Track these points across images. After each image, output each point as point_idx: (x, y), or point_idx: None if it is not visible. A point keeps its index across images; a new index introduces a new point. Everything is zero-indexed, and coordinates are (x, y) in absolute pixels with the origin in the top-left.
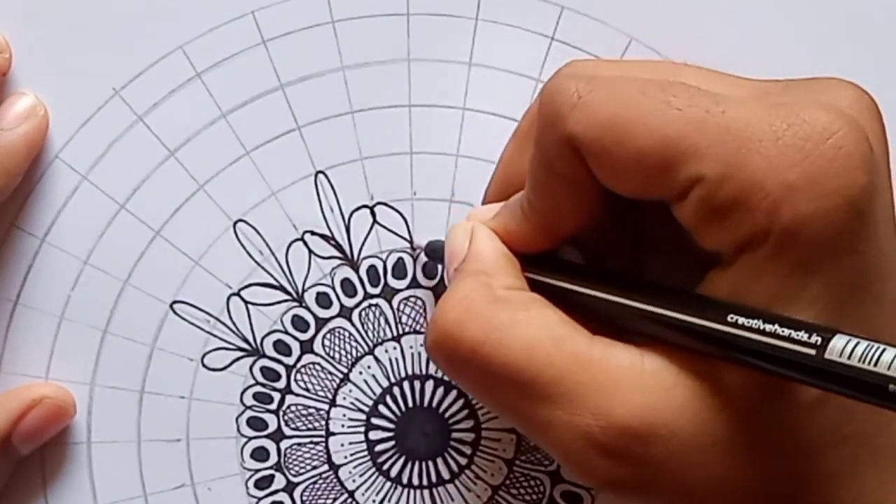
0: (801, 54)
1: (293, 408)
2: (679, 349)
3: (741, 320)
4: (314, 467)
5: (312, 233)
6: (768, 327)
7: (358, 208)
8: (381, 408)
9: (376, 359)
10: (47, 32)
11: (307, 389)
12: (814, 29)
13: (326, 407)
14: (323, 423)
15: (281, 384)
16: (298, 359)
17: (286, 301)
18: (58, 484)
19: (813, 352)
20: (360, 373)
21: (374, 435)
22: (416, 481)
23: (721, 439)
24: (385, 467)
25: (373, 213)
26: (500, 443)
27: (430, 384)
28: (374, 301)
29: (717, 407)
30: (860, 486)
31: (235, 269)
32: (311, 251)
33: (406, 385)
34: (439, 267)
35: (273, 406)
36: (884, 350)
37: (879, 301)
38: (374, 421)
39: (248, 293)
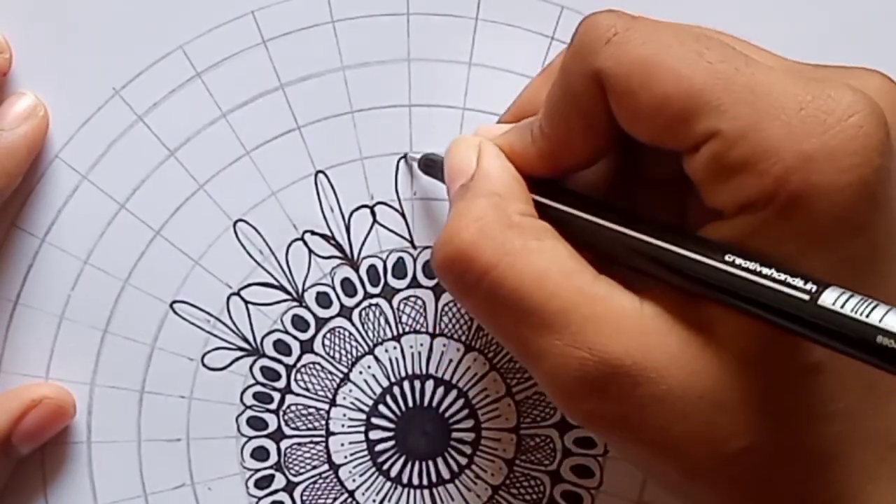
0: (803, 57)
1: (293, 407)
2: (676, 299)
3: (738, 260)
4: (314, 467)
5: (312, 232)
6: (765, 270)
7: (358, 208)
8: (382, 407)
9: (376, 358)
10: (47, 32)
11: (307, 389)
12: (816, 30)
13: (326, 407)
14: (323, 422)
15: (281, 384)
16: (298, 358)
17: (286, 301)
18: (58, 484)
19: (806, 297)
20: (360, 372)
21: (374, 435)
22: (416, 481)
23: (709, 393)
24: (385, 467)
25: (373, 213)
26: (501, 443)
27: (430, 384)
28: (374, 301)
29: (710, 360)
30: (842, 467)
31: (235, 269)
32: (311, 251)
33: (406, 385)
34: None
35: (273, 406)
36: (876, 305)
37: (880, 285)
38: (375, 421)
39: (248, 293)
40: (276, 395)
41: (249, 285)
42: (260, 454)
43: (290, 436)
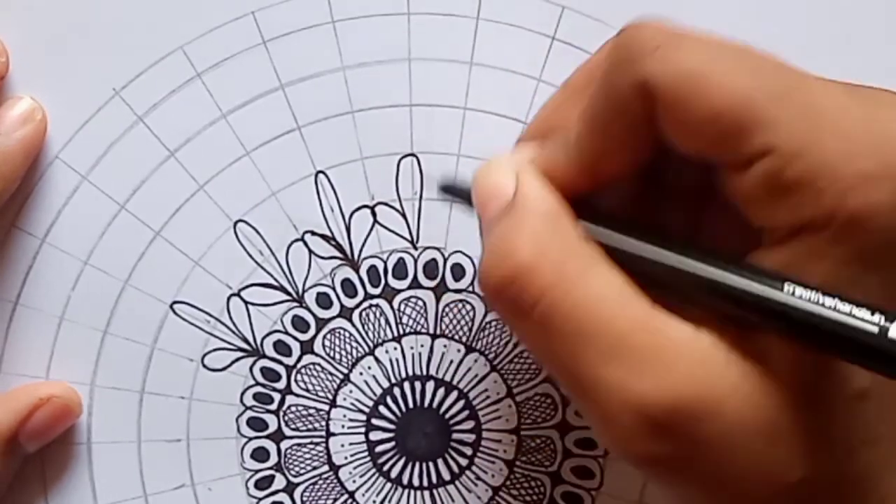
0: (805, 55)
1: (293, 408)
2: (728, 328)
3: (799, 290)
4: (314, 468)
5: (313, 233)
6: (828, 301)
7: (358, 208)
8: (382, 408)
9: (377, 359)
10: (47, 33)
11: (307, 390)
12: (818, 29)
13: (327, 407)
14: (323, 423)
15: (281, 385)
16: (299, 359)
17: (286, 301)
18: (58, 484)
19: (875, 330)
20: (361, 373)
21: (374, 436)
22: (416, 482)
23: (766, 425)
24: (385, 468)
25: (373, 213)
26: (501, 444)
27: (430, 385)
28: (374, 301)
29: (768, 391)
30: (888, 489)
31: (235, 270)
32: (311, 251)
33: (406, 386)
34: (439, 263)
35: (273, 406)
36: None
37: None
38: (375, 422)
39: (248, 293)
40: (277, 396)
41: (249, 286)
42: (260, 455)
43: (290, 436)
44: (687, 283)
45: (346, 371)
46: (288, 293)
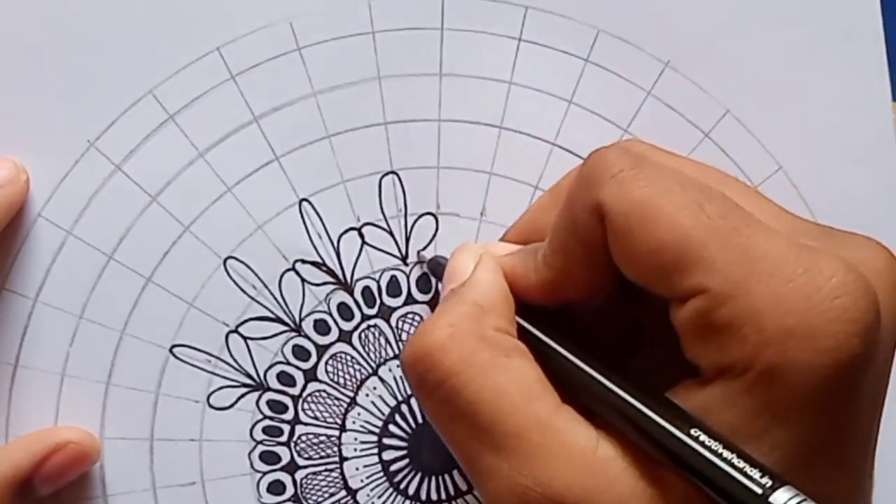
0: (768, 55)
1: (304, 437)
2: (635, 447)
3: (703, 437)
4: (332, 494)
5: (303, 261)
6: (726, 454)
7: (346, 231)
8: (392, 427)
9: (381, 379)
10: (15, 92)
11: (316, 418)
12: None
13: (337, 433)
14: (335, 449)
15: (289, 415)
16: (303, 388)
17: (285, 332)
18: None
19: (759, 491)
20: (367, 395)
21: (387, 455)
22: (434, 496)
23: None
24: (402, 486)
25: (361, 235)
26: None
27: None
28: (371, 322)
29: None
30: None
31: (231, 306)
32: (303, 280)
33: (414, 402)
34: (433, 281)
35: (283, 438)
36: None
37: (836, 470)
38: (386, 441)
39: (245, 329)
40: (286, 427)
41: (247, 321)
42: (276, 488)
43: (304, 466)
44: (601, 403)
45: (351, 394)
46: (285, 324)
